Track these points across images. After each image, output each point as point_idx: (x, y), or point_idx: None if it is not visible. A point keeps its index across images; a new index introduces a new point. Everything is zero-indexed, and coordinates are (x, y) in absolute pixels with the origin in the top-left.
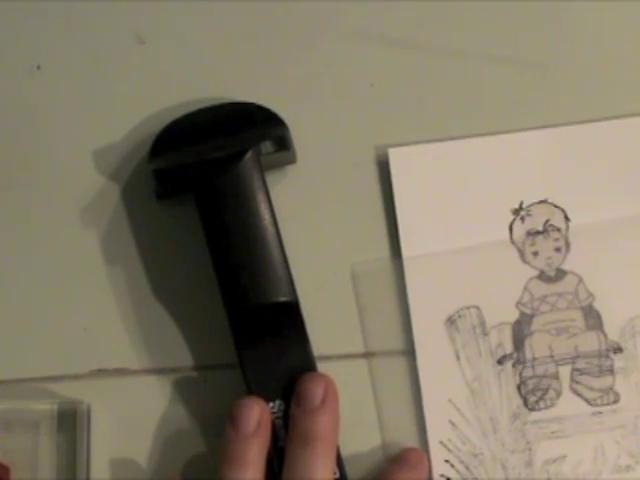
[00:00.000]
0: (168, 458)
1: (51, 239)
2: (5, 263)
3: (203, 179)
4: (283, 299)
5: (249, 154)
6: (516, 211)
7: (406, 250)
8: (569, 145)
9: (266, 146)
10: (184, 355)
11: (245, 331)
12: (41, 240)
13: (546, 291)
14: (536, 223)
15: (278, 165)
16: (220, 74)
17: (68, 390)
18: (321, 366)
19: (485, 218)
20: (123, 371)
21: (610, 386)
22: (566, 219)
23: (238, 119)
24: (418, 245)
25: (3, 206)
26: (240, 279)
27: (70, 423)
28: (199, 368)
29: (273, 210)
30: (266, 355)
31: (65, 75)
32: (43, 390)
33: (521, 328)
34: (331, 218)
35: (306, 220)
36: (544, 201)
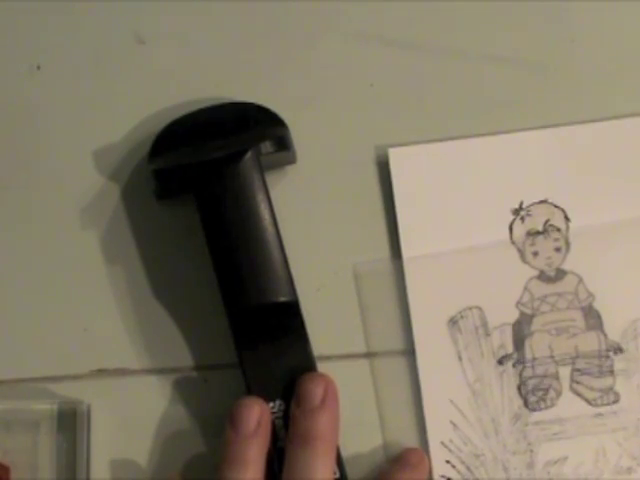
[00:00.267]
0: (168, 458)
1: (51, 239)
2: (5, 263)
3: (203, 179)
4: (283, 299)
5: (249, 154)
6: (516, 211)
7: (406, 250)
8: (569, 145)
9: (266, 146)
10: (184, 355)
11: (245, 331)
12: (41, 240)
13: (546, 291)
14: (536, 223)
15: (278, 165)
16: (220, 74)
17: (68, 390)
18: (321, 366)
19: (485, 218)
20: (123, 371)
21: (610, 386)
22: (566, 219)
23: (238, 119)
24: (418, 245)
25: (3, 206)
26: (240, 279)
27: (70, 423)
28: (199, 368)
29: (273, 210)
30: (266, 355)
31: (65, 75)
32: (43, 390)
33: (521, 328)
34: (331, 218)
35: (306, 220)
36: (544, 201)
